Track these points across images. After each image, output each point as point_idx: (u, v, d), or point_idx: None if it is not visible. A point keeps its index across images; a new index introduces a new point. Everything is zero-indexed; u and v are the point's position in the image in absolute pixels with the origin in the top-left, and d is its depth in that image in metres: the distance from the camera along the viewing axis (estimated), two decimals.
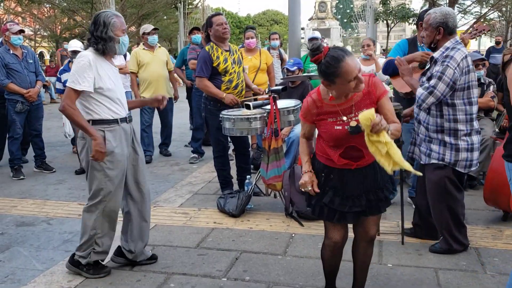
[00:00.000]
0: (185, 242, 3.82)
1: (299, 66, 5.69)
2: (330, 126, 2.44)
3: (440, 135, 3.26)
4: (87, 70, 2.98)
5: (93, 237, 3.17)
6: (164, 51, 6.76)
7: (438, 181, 3.27)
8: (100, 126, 3.05)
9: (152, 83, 6.41)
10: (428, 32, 3.29)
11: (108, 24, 3.04)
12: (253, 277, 3.21)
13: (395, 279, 3.14)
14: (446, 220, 3.36)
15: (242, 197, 4.38)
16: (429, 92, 3.15)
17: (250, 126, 4.24)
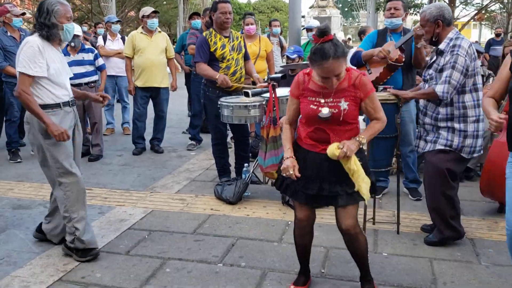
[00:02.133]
0: (181, 228, 3.83)
1: (299, 54, 5.66)
2: (307, 103, 2.59)
3: (449, 123, 3.31)
4: (38, 55, 3.04)
5: (70, 221, 3.23)
6: (164, 37, 6.33)
7: (438, 164, 3.30)
8: (43, 110, 3.11)
9: (145, 70, 6.06)
10: (427, 28, 3.36)
11: (52, 11, 3.08)
12: (248, 263, 3.23)
13: (390, 268, 3.16)
14: (441, 208, 3.37)
15: (240, 184, 4.38)
16: (448, 82, 3.22)
17: (248, 114, 4.23)
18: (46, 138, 3.13)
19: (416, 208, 4.23)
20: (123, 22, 22.67)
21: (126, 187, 4.91)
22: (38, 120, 3.08)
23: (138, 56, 6.10)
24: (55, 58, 3.17)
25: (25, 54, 3.04)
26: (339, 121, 2.55)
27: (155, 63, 6.10)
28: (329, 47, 2.37)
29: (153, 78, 6.11)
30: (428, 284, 2.95)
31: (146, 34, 6.16)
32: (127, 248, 3.45)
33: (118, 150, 6.52)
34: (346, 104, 2.53)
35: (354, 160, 2.50)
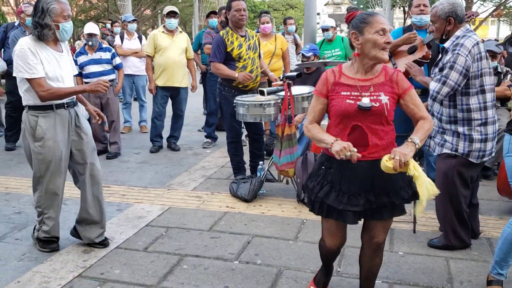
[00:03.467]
0: (198, 225, 3.87)
1: (315, 52, 5.66)
2: (341, 99, 2.31)
3: (453, 126, 3.20)
4: (29, 56, 3.00)
5: (41, 214, 3.33)
6: (185, 37, 6.34)
7: (446, 170, 3.22)
8: (34, 111, 3.12)
9: (167, 69, 6.09)
10: (438, 25, 3.22)
11: (46, 10, 3.01)
12: (264, 261, 3.26)
13: (406, 266, 3.16)
14: (448, 214, 3.31)
15: (255, 182, 4.41)
16: (443, 82, 3.10)
17: (264, 112, 4.25)
18: (35, 140, 3.14)
19: (432, 207, 4.13)
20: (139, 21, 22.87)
21: (143, 185, 4.97)
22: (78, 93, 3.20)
23: (159, 55, 6.11)
24: (49, 58, 3.09)
25: (17, 58, 3.01)
26: (381, 117, 2.29)
27: (176, 62, 6.13)
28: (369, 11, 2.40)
29: (174, 78, 6.14)
30: (444, 283, 2.95)
31: (168, 33, 6.18)
32: (145, 245, 3.51)
33: (136, 148, 6.60)
34: (387, 98, 2.29)
35: (413, 165, 2.14)
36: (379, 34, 2.24)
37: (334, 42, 6.74)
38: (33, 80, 3.02)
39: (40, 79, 3.02)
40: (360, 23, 2.28)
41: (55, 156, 3.18)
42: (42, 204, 3.31)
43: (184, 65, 6.31)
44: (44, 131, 3.12)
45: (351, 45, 2.35)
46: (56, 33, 3.09)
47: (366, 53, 2.28)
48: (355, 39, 2.30)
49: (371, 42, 2.25)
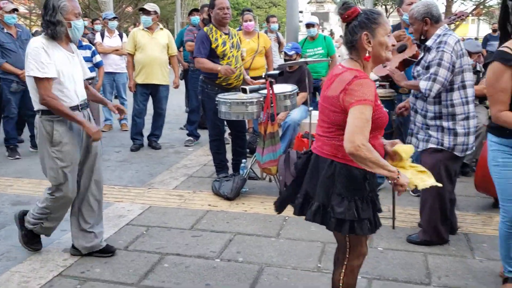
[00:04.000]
0: (179, 223, 3.86)
1: (297, 51, 5.68)
2: (381, 108, 2.14)
3: (438, 121, 3.28)
4: (43, 55, 2.92)
5: (46, 215, 3.22)
6: (166, 34, 6.29)
7: (433, 165, 3.26)
8: (49, 116, 3.01)
9: (146, 67, 6.04)
10: (415, 26, 3.36)
11: (58, 7, 2.94)
12: (246, 258, 3.27)
13: (385, 262, 3.20)
14: (433, 209, 3.36)
15: (237, 180, 4.42)
16: (433, 80, 3.19)
17: (246, 110, 4.26)
18: (52, 145, 3.04)
19: (411, 203, 4.26)
20: (121, 18, 22.63)
21: (124, 183, 4.94)
22: (72, 122, 3.01)
23: (138, 53, 6.09)
24: (62, 59, 3.03)
25: (31, 57, 2.93)
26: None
27: (155, 60, 6.08)
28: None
29: (153, 75, 6.09)
30: (423, 278, 3.00)
31: (147, 31, 6.14)
32: (125, 244, 3.49)
33: (116, 147, 6.54)
34: None
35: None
36: (388, 36, 2.14)
37: (316, 40, 6.77)
38: (43, 80, 2.91)
39: (49, 80, 2.93)
40: (372, 24, 2.09)
41: (73, 160, 3.10)
42: (52, 208, 3.18)
43: (165, 62, 6.26)
44: (61, 135, 3.03)
45: (353, 46, 2.14)
46: (68, 31, 3.01)
47: (378, 56, 2.14)
48: (367, 41, 2.09)
49: (383, 45, 2.12)
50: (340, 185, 2.10)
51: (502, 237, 2.78)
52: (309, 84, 5.29)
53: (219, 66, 4.45)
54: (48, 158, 3.06)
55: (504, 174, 2.67)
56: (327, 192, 2.12)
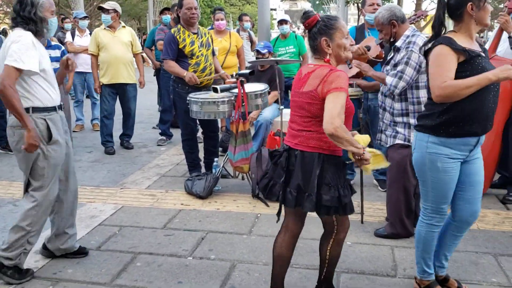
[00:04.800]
0: (152, 223, 3.88)
1: (270, 50, 5.75)
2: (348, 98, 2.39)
3: (405, 118, 3.40)
4: (31, 49, 2.79)
5: (27, 235, 2.95)
6: (128, 32, 6.20)
7: (400, 160, 3.39)
8: (41, 114, 2.89)
9: (111, 66, 5.94)
10: (384, 31, 3.49)
11: (37, 4, 2.85)
12: (218, 255, 3.32)
13: (353, 256, 3.30)
14: (398, 202, 3.48)
15: (210, 179, 4.46)
16: (399, 77, 3.31)
17: (217, 109, 4.30)
18: (48, 143, 2.92)
19: (380, 198, 4.39)
20: (92, 16, 22.30)
21: (96, 184, 4.92)
22: (19, 120, 2.77)
23: (102, 53, 5.97)
24: (46, 56, 2.95)
25: (17, 47, 2.75)
26: None
27: (119, 58, 5.98)
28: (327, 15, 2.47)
29: (118, 75, 5.99)
30: (389, 271, 3.10)
31: (109, 29, 6.03)
32: (98, 244, 3.49)
33: (88, 147, 6.49)
34: None
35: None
36: (345, 38, 2.41)
37: (288, 39, 6.86)
38: (18, 70, 2.74)
39: (23, 72, 2.78)
40: (330, 29, 2.37)
41: (62, 160, 3.04)
42: (34, 219, 2.95)
43: (130, 61, 6.12)
44: (57, 133, 2.94)
45: (315, 49, 2.40)
46: (46, 28, 2.93)
47: (338, 56, 2.41)
48: (326, 45, 2.37)
49: (341, 46, 2.39)
50: (329, 176, 2.36)
51: (428, 239, 2.71)
52: (280, 83, 5.36)
53: (185, 72, 4.49)
54: (41, 157, 2.90)
55: (442, 179, 2.56)
56: (319, 183, 2.35)
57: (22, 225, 2.94)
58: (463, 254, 3.31)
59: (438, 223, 2.70)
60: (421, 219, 2.74)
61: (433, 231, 2.70)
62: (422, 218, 2.73)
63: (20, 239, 2.95)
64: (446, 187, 2.59)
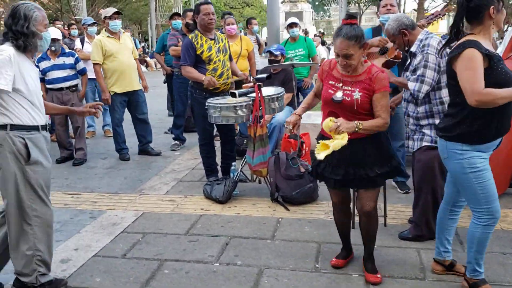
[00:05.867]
0: (174, 229, 3.88)
1: (282, 52, 5.76)
2: (327, 87, 2.87)
3: (430, 120, 3.40)
4: (7, 66, 2.64)
5: (32, 260, 2.85)
6: (129, 37, 6.16)
7: (428, 161, 3.38)
8: (19, 132, 2.73)
9: (123, 74, 5.82)
10: (397, 41, 3.53)
11: (30, 18, 2.74)
12: (244, 261, 3.31)
13: (380, 259, 3.29)
14: (426, 204, 3.47)
15: (229, 183, 4.46)
16: (421, 81, 3.31)
17: (236, 114, 4.30)
18: (27, 163, 2.75)
19: (400, 200, 4.38)
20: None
21: (114, 190, 4.92)
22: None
23: (110, 61, 5.82)
24: (31, 73, 2.81)
25: None
26: (352, 109, 2.77)
27: (130, 66, 5.93)
28: (346, 28, 2.69)
29: (131, 82, 5.94)
30: (417, 273, 3.10)
31: (113, 37, 5.91)
32: (123, 252, 3.49)
33: (101, 153, 6.49)
34: (359, 94, 2.75)
35: (343, 136, 2.64)
36: (336, 54, 2.75)
37: (297, 42, 6.86)
38: None
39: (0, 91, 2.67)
40: (334, 38, 2.79)
41: (48, 181, 2.92)
42: (36, 245, 2.84)
43: (135, 67, 6.09)
44: (37, 153, 2.79)
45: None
46: (38, 42, 2.83)
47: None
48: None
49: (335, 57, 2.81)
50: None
51: (482, 240, 2.73)
52: (295, 85, 5.38)
53: (203, 76, 4.49)
54: (20, 180, 2.75)
55: (486, 177, 2.63)
56: None
57: (22, 251, 2.84)
58: (490, 255, 3.29)
59: (494, 224, 2.72)
60: (476, 222, 2.74)
61: (488, 232, 2.73)
62: (477, 221, 2.73)
63: (28, 264, 2.85)
64: (490, 183, 2.64)
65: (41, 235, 2.87)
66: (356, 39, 2.66)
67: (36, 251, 2.85)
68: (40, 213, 2.84)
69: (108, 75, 5.86)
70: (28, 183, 2.78)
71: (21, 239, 2.83)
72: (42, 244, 2.87)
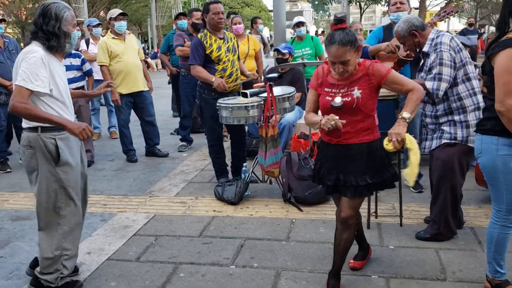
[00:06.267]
0: (187, 231, 3.83)
1: (290, 51, 5.72)
2: (323, 96, 2.73)
3: (450, 116, 3.35)
4: (41, 67, 2.66)
5: (59, 259, 2.88)
6: (135, 38, 6.14)
7: (447, 158, 3.33)
8: (50, 133, 2.76)
9: (129, 75, 5.79)
10: (408, 43, 3.50)
11: (61, 18, 2.74)
12: (260, 263, 3.26)
13: (399, 260, 3.24)
14: (445, 201, 3.42)
15: (240, 184, 4.41)
16: (438, 79, 3.27)
17: (248, 114, 4.25)
18: (57, 165, 2.80)
19: (414, 199, 4.34)
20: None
21: (123, 193, 4.87)
22: (52, 124, 2.68)
23: (116, 62, 5.79)
24: (60, 73, 2.83)
25: (26, 66, 2.64)
26: (352, 109, 2.64)
27: (136, 66, 5.89)
28: (338, 34, 2.56)
29: (138, 82, 5.89)
30: (438, 274, 3.04)
31: (118, 38, 5.89)
32: (136, 255, 3.44)
33: (108, 155, 6.45)
34: (359, 92, 2.64)
35: (409, 140, 2.61)
36: (331, 63, 2.63)
37: (304, 41, 6.81)
38: (28, 90, 2.62)
39: (33, 92, 2.66)
40: (325, 45, 2.70)
41: (78, 181, 2.93)
42: (63, 244, 2.87)
43: (141, 68, 6.03)
44: (66, 154, 2.81)
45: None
46: (69, 42, 2.83)
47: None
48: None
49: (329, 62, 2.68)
50: None
51: (501, 240, 2.67)
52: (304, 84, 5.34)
53: (213, 77, 4.45)
54: (51, 180, 2.80)
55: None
56: None
57: (50, 250, 2.87)
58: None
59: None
60: (494, 221, 2.68)
61: (507, 233, 2.66)
62: (496, 220, 2.67)
63: (52, 264, 2.88)
64: None
65: (70, 236, 2.91)
66: (351, 44, 2.55)
67: (63, 251, 2.89)
68: (70, 214, 2.89)
69: (114, 76, 5.83)
70: (58, 184, 2.82)
71: (50, 239, 2.87)
72: (69, 244, 2.91)
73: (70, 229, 2.91)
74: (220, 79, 4.42)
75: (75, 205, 2.91)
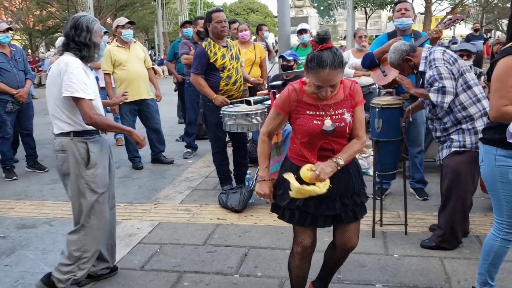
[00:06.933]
0: (192, 239, 3.84)
1: (295, 58, 5.72)
2: (308, 119, 2.37)
3: (458, 126, 3.35)
4: (84, 77, 2.81)
5: (78, 261, 2.97)
6: (140, 47, 6.14)
7: (455, 166, 3.32)
8: (82, 137, 2.89)
9: (132, 83, 5.79)
10: (405, 68, 3.60)
11: (92, 30, 2.87)
12: (264, 272, 3.26)
13: (403, 269, 3.23)
14: (453, 210, 3.40)
15: (244, 192, 4.41)
16: (442, 92, 3.26)
17: (251, 122, 4.27)
18: (87, 168, 2.91)
19: (419, 207, 4.32)
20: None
21: (129, 200, 4.89)
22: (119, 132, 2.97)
23: (119, 70, 5.82)
24: (93, 81, 2.96)
25: (74, 78, 2.75)
26: (343, 133, 2.41)
27: (140, 74, 5.90)
28: (327, 56, 2.22)
29: (141, 90, 5.90)
30: (442, 283, 3.03)
31: (123, 46, 5.91)
32: (141, 263, 3.45)
33: (115, 162, 6.42)
34: (349, 115, 2.40)
35: (325, 184, 2.29)
36: (317, 87, 2.29)
37: (308, 47, 6.82)
38: (87, 100, 2.78)
39: (91, 101, 2.82)
40: (308, 67, 2.28)
41: (106, 184, 3.02)
42: (84, 245, 2.96)
43: (147, 76, 6.07)
44: (96, 157, 2.93)
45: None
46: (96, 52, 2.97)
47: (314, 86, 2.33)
48: (305, 72, 2.33)
49: (312, 85, 2.32)
50: None
51: (499, 253, 2.64)
52: None
53: (214, 95, 4.49)
54: (80, 183, 2.91)
55: None
56: None
57: (70, 251, 2.96)
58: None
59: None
60: (495, 234, 2.65)
61: (507, 247, 2.62)
62: (497, 233, 2.64)
63: (70, 264, 2.96)
64: None
65: (92, 239, 2.99)
66: (341, 65, 2.27)
67: (84, 253, 2.97)
68: (97, 217, 2.98)
69: (118, 84, 5.89)
70: (88, 186, 2.92)
71: (73, 239, 2.97)
72: (91, 247, 2.99)
73: (92, 231, 2.98)
74: (221, 97, 4.47)
75: (101, 209, 3.00)
